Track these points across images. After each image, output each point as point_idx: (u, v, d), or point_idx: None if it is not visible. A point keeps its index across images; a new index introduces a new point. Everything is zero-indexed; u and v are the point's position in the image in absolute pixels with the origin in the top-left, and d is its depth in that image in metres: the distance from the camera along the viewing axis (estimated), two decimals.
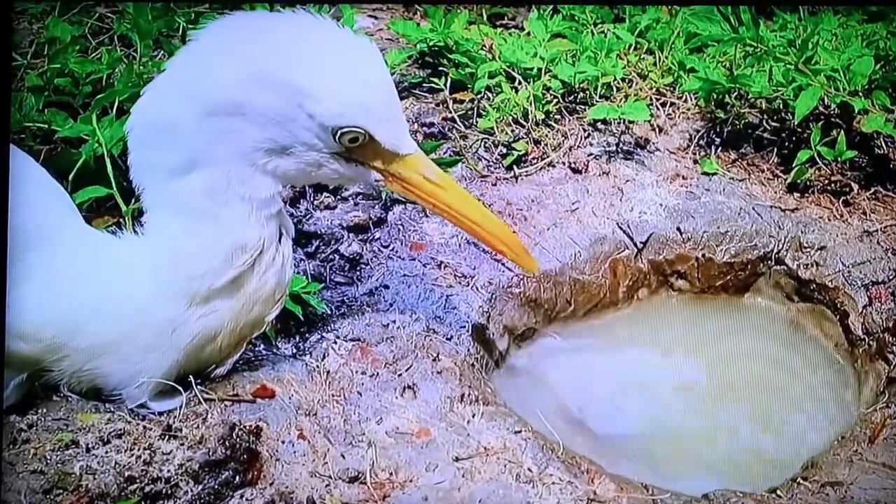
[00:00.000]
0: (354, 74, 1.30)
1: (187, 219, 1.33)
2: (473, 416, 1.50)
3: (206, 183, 1.31)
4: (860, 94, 2.15)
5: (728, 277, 2.04)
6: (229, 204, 1.33)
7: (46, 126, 1.80)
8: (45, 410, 1.34)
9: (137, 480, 1.22)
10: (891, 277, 1.89)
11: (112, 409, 1.35)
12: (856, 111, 2.09)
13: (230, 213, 1.33)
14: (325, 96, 1.27)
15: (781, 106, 2.28)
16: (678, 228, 2.04)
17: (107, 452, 1.25)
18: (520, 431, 1.47)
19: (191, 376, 1.41)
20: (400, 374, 1.59)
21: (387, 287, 1.83)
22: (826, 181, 2.13)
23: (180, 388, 1.38)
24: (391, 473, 1.36)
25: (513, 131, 2.26)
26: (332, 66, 1.28)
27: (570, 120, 2.34)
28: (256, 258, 1.39)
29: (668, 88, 2.47)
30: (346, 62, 1.30)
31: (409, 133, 1.39)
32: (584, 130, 2.32)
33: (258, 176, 1.33)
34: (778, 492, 1.46)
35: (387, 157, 1.37)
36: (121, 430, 1.30)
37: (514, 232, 1.82)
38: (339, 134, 1.30)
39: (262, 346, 1.64)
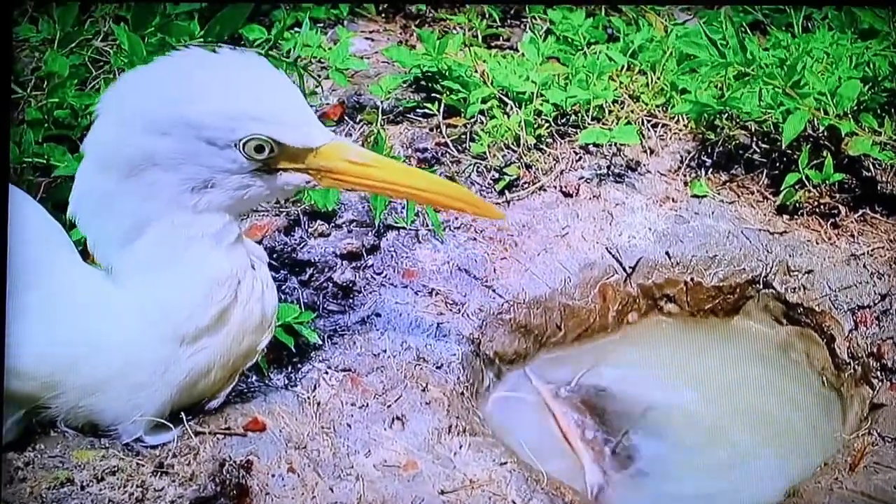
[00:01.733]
0: (235, 88, 1.32)
1: (156, 273, 1.37)
2: (460, 448, 1.54)
3: (158, 238, 1.36)
4: (848, 116, 2.17)
5: (717, 301, 2.07)
6: (188, 247, 1.37)
7: (45, 160, 1.84)
8: (42, 447, 1.37)
9: None
10: (876, 302, 1.91)
11: (107, 445, 1.39)
12: (843, 134, 2.12)
13: (192, 255, 1.37)
14: (211, 119, 1.29)
15: (772, 128, 2.31)
16: (667, 253, 2.07)
17: (101, 490, 1.29)
18: (505, 463, 1.50)
19: (182, 412, 1.44)
20: (389, 406, 1.62)
21: (379, 315, 1.86)
22: (815, 203, 2.16)
23: (171, 425, 1.41)
24: None
25: (504, 156, 2.30)
26: (211, 89, 1.31)
27: (561, 144, 2.37)
28: (236, 289, 1.42)
29: (659, 109, 2.50)
30: (225, 81, 1.32)
31: (318, 124, 1.36)
32: (576, 154, 2.35)
33: (197, 215, 1.36)
34: None
35: (303, 156, 1.35)
36: (114, 466, 1.33)
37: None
38: (243, 148, 1.31)
39: (254, 377, 1.67)
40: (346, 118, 2.44)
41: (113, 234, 1.37)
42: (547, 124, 2.38)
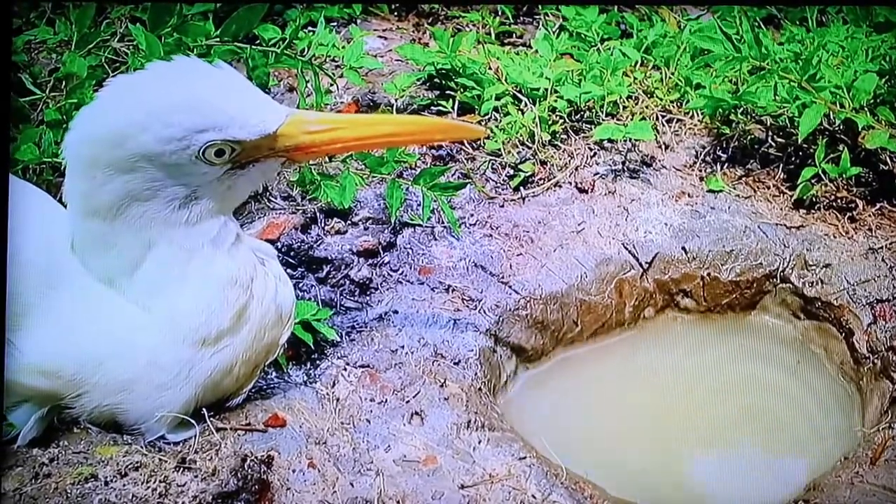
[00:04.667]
0: (175, 107, 1.29)
1: (165, 293, 1.38)
2: (479, 443, 1.54)
3: (160, 260, 1.36)
4: (865, 109, 2.16)
5: (734, 296, 2.06)
6: (190, 259, 1.37)
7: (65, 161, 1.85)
8: (65, 443, 1.39)
9: None
10: (895, 295, 1.90)
11: (129, 441, 1.40)
12: (860, 127, 2.11)
13: (197, 265, 1.38)
14: (163, 145, 1.28)
15: (787, 122, 2.30)
16: (683, 248, 2.07)
17: (124, 486, 1.30)
18: (524, 458, 1.50)
19: (203, 409, 1.45)
20: (408, 401, 1.62)
21: (396, 312, 1.87)
22: (832, 197, 2.15)
23: (194, 422, 1.42)
24: (398, 502, 1.40)
25: (519, 153, 2.30)
26: (152, 115, 1.28)
27: (575, 140, 2.37)
28: (251, 287, 1.43)
29: (674, 105, 2.50)
30: (162, 102, 1.29)
31: (267, 107, 1.33)
32: (591, 150, 2.35)
33: (193, 227, 1.36)
34: None
35: (265, 143, 1.33)
36: (137, 462, 1.34)
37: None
38: (204, 156, 1.30)
39: (273, 373, 1.68)
40: None
41: (117, 268, 1.38)
42: (561, 120, 2.38)
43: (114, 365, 1.38)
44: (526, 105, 2.37)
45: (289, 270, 1.95)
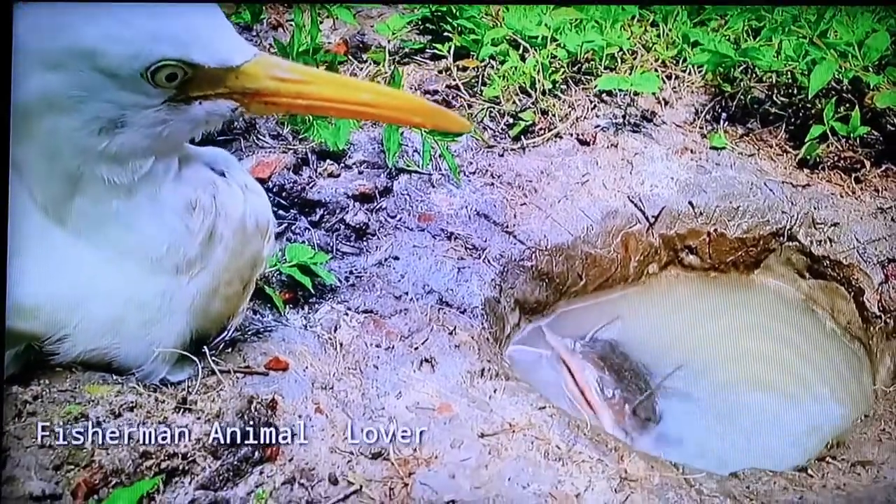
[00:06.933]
0: (130, 9, 1.13)
1: (106, 229, 1.23)
2: (495, 392, 1.45)
3: (91, 196, 1.19)
4: (871, 69, 2.12)
5: (739, 253, 2.01)
6: (130, 195, 1.21)
7: None
8: (48, 381, 1.26)
9: (153, 456, 1.16)
10: None
11: (121, 381, 1.28)
12: (870, 86, 2.06)
13: (139, 201, 1.22)
14: (107, 44, 1.10)
15: (790, 80, 2.25)
16: (690, 203, 2.00)
17: (119, 426, 1.18)
18: (544, 407, 1.42)
19: (205, 347, 1.33)
20: (416, 348, 1.53)
21: (397, 258, 1.76)
22: (837, 157, 2.10)
23: (195, 358, 1.30)
24: (415, 450, 1.31)
25: (519, 100, 2.20)
26: (105, 10, 1.12)
27: (576, 90, 2.29)
28: (214, 203, 1.28)
29: (672, 61, 2.43)
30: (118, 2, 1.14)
31: (237, 39, 1.17)
32: (591, 102, 2.26)
33: (116, 162, 1.18)
34: (809, 471, 1.42)
35: (223, 78, 1.16)
36: (132, 402, 1.22)
37: None
38: (152, 76, 1.12)
39: (270, 316, 1.57)
40: (349, 57, 2.33)
41: (46, 199, 1.21)
42: (562, 69, 2.29)
43: (92, 306, 1.24)
44: (526, 51, 2.27)
45: (280, 212, 1.84)
